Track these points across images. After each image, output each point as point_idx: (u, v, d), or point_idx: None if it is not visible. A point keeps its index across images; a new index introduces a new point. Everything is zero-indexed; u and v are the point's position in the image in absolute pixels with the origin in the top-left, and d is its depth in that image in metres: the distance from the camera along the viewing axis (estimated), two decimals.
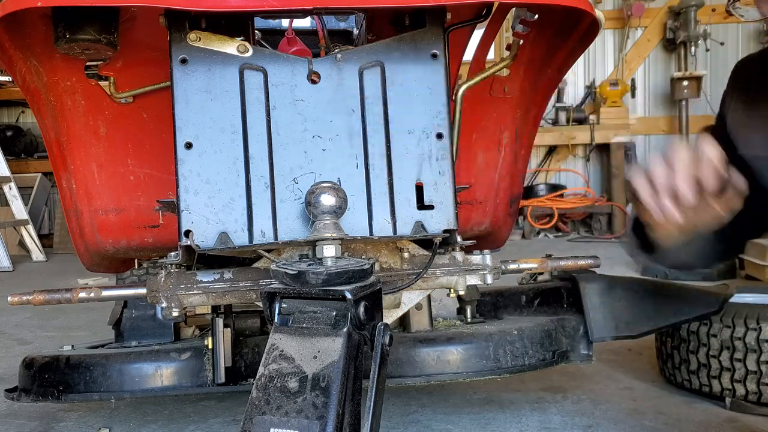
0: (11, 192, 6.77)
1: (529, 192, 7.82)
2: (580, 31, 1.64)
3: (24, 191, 7.31)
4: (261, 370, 1.08)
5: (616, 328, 2.09)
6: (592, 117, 7.94)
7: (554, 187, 8.02)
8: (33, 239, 6.81)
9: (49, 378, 1.95)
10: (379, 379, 1.10)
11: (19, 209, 6.79)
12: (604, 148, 8.11)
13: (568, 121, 7.87)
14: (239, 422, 1.63)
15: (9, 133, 8.30)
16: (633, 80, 8.13)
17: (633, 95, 8.11)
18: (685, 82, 7.81)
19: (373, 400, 1.08)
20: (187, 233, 1.34)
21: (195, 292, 1.39)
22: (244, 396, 2.34)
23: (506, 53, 1.86)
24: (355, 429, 1.08)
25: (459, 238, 1.43)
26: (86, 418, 2.27)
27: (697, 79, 7.86)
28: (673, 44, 8.07)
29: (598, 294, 2.12)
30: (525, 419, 2.19)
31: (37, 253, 6.94)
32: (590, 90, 8.16)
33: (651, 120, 8.45)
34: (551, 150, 8.42)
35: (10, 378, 2.64)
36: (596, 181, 8.44)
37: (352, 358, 1.09)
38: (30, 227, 6.83)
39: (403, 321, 2.06)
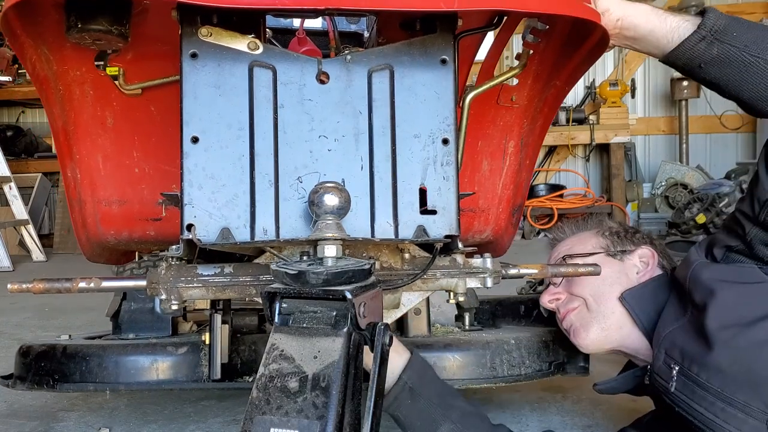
0: (11, 192, 6.77)
1: (529, 192, 7.84)
2: (590, 43, 1.64)
3: (24, 191, 7.31)
4: (261, 369, 1.08)
5: None
6: (591, 117, 7.96)
7: (554, 187, 8.03)
8: (33, 239, 6.81)
9: (45, 366, 1.95)
10: (379, 379, 1.10)
11: (19, 209, 6.78)
12: (603, 148, 8.12)
13: (567, 121, 7.88)
14: (239, 422, 1.62)
15: (9, 133, 8.32)
16: (633, 80, 8.15)
17: (633, 95, 8.13)
18: (685, 83, 7.82)
19: (373, 400, 1.08)
20: (190, 227, 1.34)
21: (195, 285, 1.39)
22: (244, 396, 2.34)
23: (515, 62, 1.86)
24: (355, 429, 1.08)
25: (460, 245, 1.43)
26: (86, 417, 2.26)
27: None
28: None
29: None
30: (525, 419, 2.19)
31: (37, 253, 6.94)
32: (590, 90, 8.16)
33: (651, 120, 8.46)
34: (551, 150, 8.43)
35: None
36: (596, 181, 8.46)
37: (353, 358, 1.09)
38: (30, 227, 6.83)
39: (402, 325, 2.06)
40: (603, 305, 1.76)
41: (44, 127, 8.78)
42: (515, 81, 1.93)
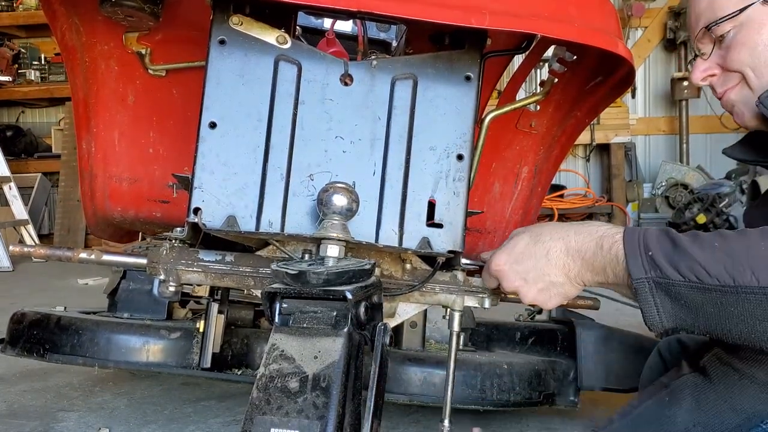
0: (11, 192, 6.69)
1: None
2: (615, 78, 1.65)
3: (24, 191, 7.22)
4: (261, 370, 1.08)
5: (606, 379, 2.07)
6: None
7: (554, 187, 7.93)
8: (33, 239, 6.76)
9: (38, 335, 1.96)
10: (380, 379, 1.10)
11: (19, 209, 6.71)
12: (604, 149, 8.07)
13: None
14: (239, 422, 1.61)
15: (9, 133, 8.22)
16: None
17: (633, 95, 8.07)
18: (686, 83, 7.73)
19: (373, 400, 1.08)
20: (196, 210, 1.35)
21: (195, 269, 1.39)
22: (244, 396, 2.32)
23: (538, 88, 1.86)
24: (355, 429, 1.08)
25: (463, 260, 1.43)
26: (86, 418, 2.24)
27: None
28: (673, 44, 8.00)
29: (594, 343, 2.11)
30: (525, 419, 2.18)
31: None
32: None
33: (651, 120, 8.40)
34: None
35: (10, 378, 2.62)
36: (596, 182, 8.39)
37: (353, 358, 1.09)
38: (30, 227, 6.76)
39: (396, 337, 2.06)
40: (764, 78, 1.47)
41: (44, 127, 8.71)
42: (536, 107, 1.93)
